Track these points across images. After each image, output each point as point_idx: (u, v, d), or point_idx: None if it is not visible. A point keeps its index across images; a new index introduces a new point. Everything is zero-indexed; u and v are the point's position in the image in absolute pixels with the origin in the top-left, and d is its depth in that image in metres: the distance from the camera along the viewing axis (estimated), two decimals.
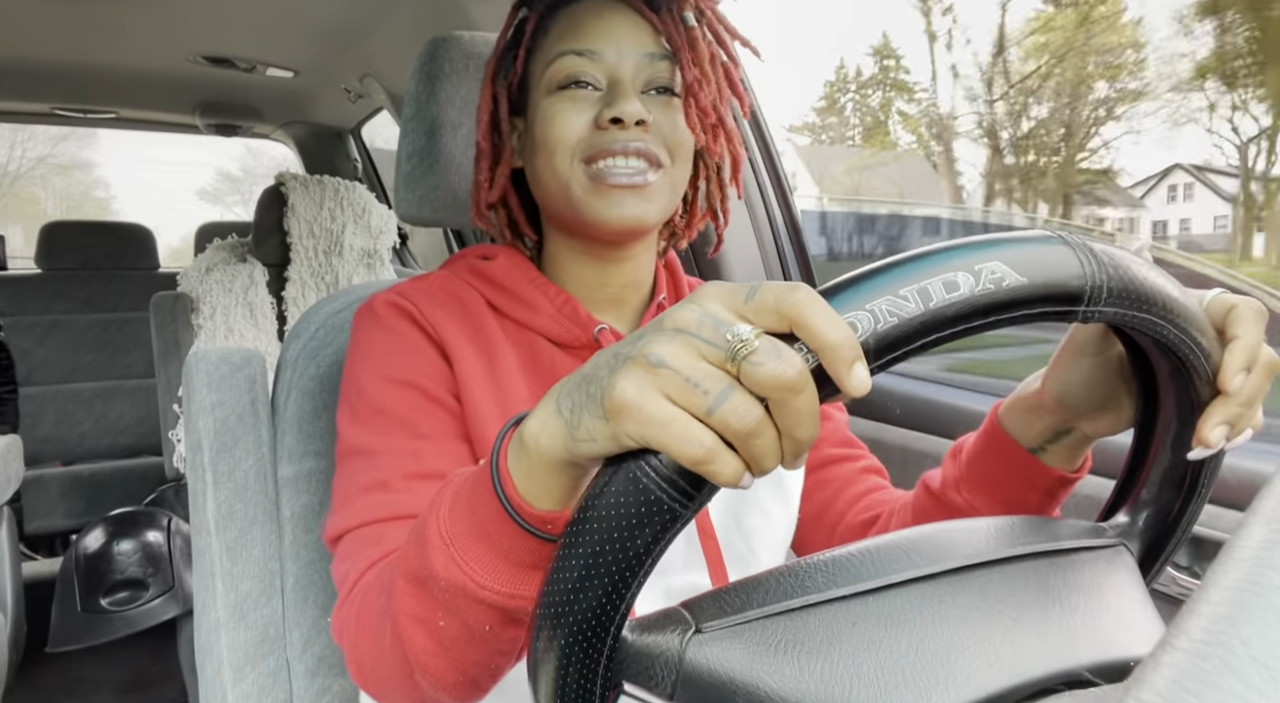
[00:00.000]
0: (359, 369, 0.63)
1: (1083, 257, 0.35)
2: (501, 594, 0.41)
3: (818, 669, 0.34)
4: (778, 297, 0.30)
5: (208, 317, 2.01)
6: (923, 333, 0.32)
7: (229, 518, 0.75)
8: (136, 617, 1.92)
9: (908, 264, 0.32)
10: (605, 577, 0.32)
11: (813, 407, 0.30)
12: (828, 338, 0.29)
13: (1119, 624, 0.39)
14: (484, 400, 0.62)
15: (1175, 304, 0.38)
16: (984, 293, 0.32)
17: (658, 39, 0.64)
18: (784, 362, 0.29)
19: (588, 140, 0.62)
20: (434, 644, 0.44)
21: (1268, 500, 0.22)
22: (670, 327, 0.32)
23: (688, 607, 0.36)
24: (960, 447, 0.62)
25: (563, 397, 0.35)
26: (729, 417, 0.30)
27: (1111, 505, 0.49)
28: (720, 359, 0.30)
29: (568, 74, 0.63)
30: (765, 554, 0.68)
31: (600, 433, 0.32)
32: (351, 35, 1.80)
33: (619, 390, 0.31)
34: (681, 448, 0.30)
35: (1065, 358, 0.52)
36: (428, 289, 0.67)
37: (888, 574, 0.37)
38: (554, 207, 0.65)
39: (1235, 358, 0.40)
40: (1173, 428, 0.45)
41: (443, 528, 0.42)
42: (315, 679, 0.79)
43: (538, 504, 0.38)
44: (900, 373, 1.15)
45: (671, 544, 0.66)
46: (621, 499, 0.31)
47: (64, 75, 2.17)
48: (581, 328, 0.67)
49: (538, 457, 0.36)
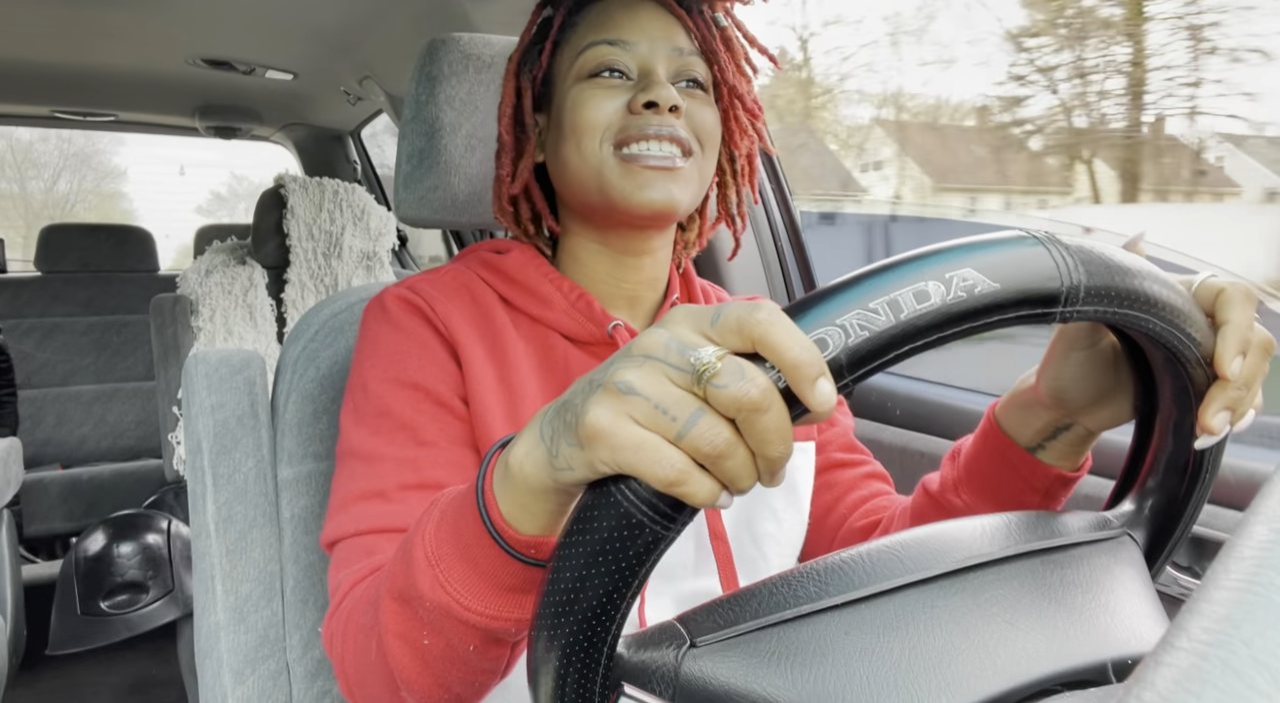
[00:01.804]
0: (366, 367, 0.63)
1: (1058, 256, 0.35)
2: (485, 616, 0.41)
3: (810, 680, 0.34)
4: (739, 317, 0.31)
5: (207, 319, 2.01)
6: (895, 345, 0.31)
7: (229, 521, 0.75)
8: (136, 620, 1.92)
9: (877, 276, 0.32)
10: (593, 600, 0.32)
11: (781, 425, 0.30)
12: (788, 356, 0.30)
13: (1119, 621, 0.39)
14: (493, 403, 0.61)
15: (1158, 297, 0.37)
16: (955, 301, 0.32)
17: (688, 36, 0.65)
18: (747, 382, 0.29)
19: (619, 124, 0.61)
20: (418, 662, 0.45)
21: (1268, 499, 0.22)
22: (639, 352, 0.32)
23: (683, 621, 0.36)
24: (959, 449, 0.62)
25: (544, 423, 0.36)
26: (698, 440, 0.30)
27: (1116, 494, 0.49)
28: (687, 383, 0.31)
29: (599, 62, 0.63)
30: (776, 559, 0.68)
31: (577, 460, 0.33)
32: (351, 38, 1.81)
33: (591, 418, 0.31)
34: (654, 472, 0.30)
35: (1057, 353, 0.51)
36: (439, 283, 0.66)
37: (880, 581, 0.37)
38: (581, 193, 0.64)
39: (1228, 343, 0.40)
40: (1173, 416, 0.44)
41: (429, 549, 0.42)
42: (315, 682, 0.79)
43: (522, 529, 0.38)
44: (900, 373, 1.15)
45: (683, 550, 0.66)
46: (605, 523, 0.32)
47: (64, 78, 2.17)
48: (596, 324, 0.66)
49: (522, 483, 0.37)
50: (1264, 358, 0.42)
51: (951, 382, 1.09)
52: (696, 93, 0.64)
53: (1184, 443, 0.44)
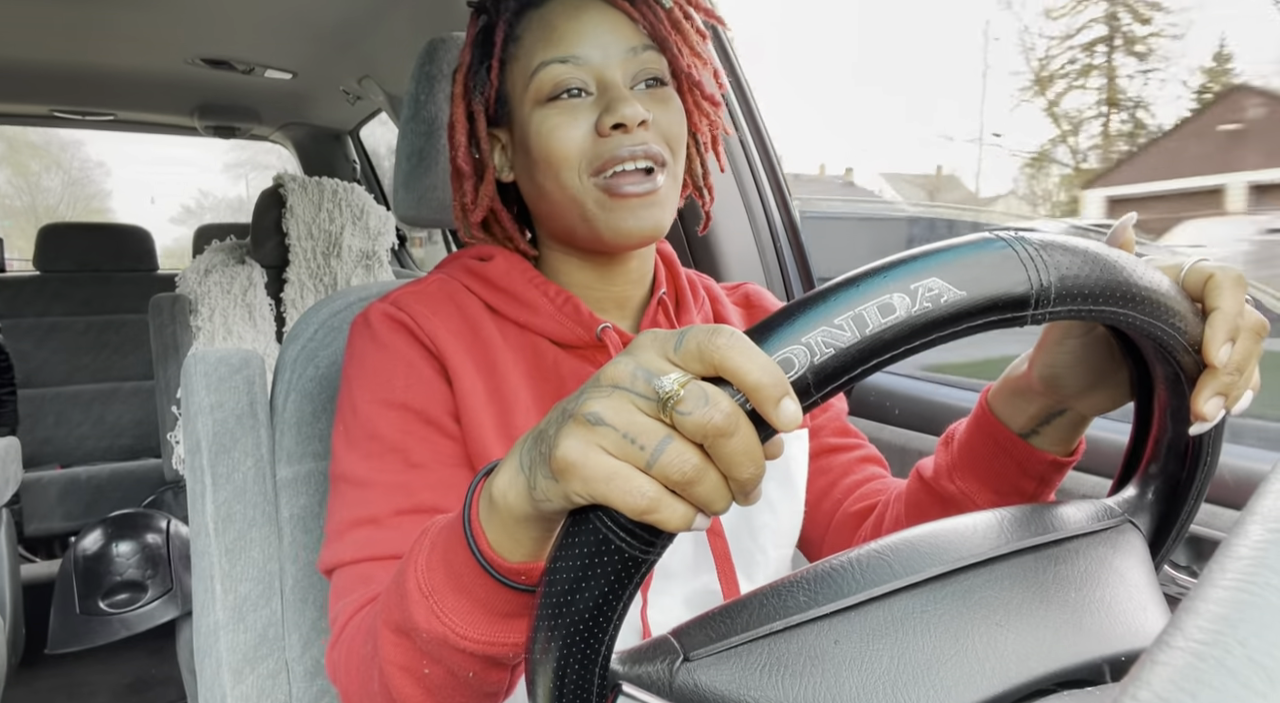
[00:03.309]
0: (355, 388, 0.62)
1: (1025, 257, 0.34)
2: (482, 643, 0.41)
3: (802, 691, 0.34)
4: (699, 342, 0.31)
5: (206, 318, 2.01)
6: (862, 360, 0.31)
7: (228, 520, 0.75)
8: (135, 619, 1.92)
9: (841, 291, 0.32)
10: (579, 622, 0.33)
11: (749, 447, 0.30)
12: (749, 379, 0.30)
13: (1116, 617, 0.39)
14: (485, 418, 0.61)
15: (1136, 291, 0.37)
16: (921, 313, 0.32)
17: (637, 30, 0.62)
18: (711, 407, 0.30)
19: (592, 151, 0.60)
20: (421, 691, 0.45)
21: (1265, 499, 0.22)
22: (607, 382, 0.32)
23: (676, 635, 0.37)
24: (952, 434, 0.62)
25: (524, 453, 0.36)
26: (668, 468, 0.30)
27: (1120, 480, 0.49)
28: (654, 411, 0.31)
29: (555, 84, 0.61)
30: (773, 550, 0.68)
31: (553, 492, 0.33)
32: (350, 37, 1.81)
33: (561, 451, 0.31)
34: (625, 501, 0.30)
35: (1050, 341, 0.51)
36: (423, 296, 0.65)
37: (869, 587, 0.37)
38: (562, 221, 0.64)
39: (1217, 330, 0.40)
40: (1170, 401, 0.44)
41: (421, 581, 0.42)
42: (314, 681, 0.79)
43: (510, 557, 0.39)
44: (900, 373, 1.16)
45: (682, 548, 0.66)
46: (586, 551, 0.32)
47: (63, 77, 2.17)
48: (584, 328, 0.65)
49: (506, 513, 0.37)
50: (1256, 341, 0.41)
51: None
52: (658, 91, 0.63)
53: (1182, 428, 0.44)
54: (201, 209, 19.27)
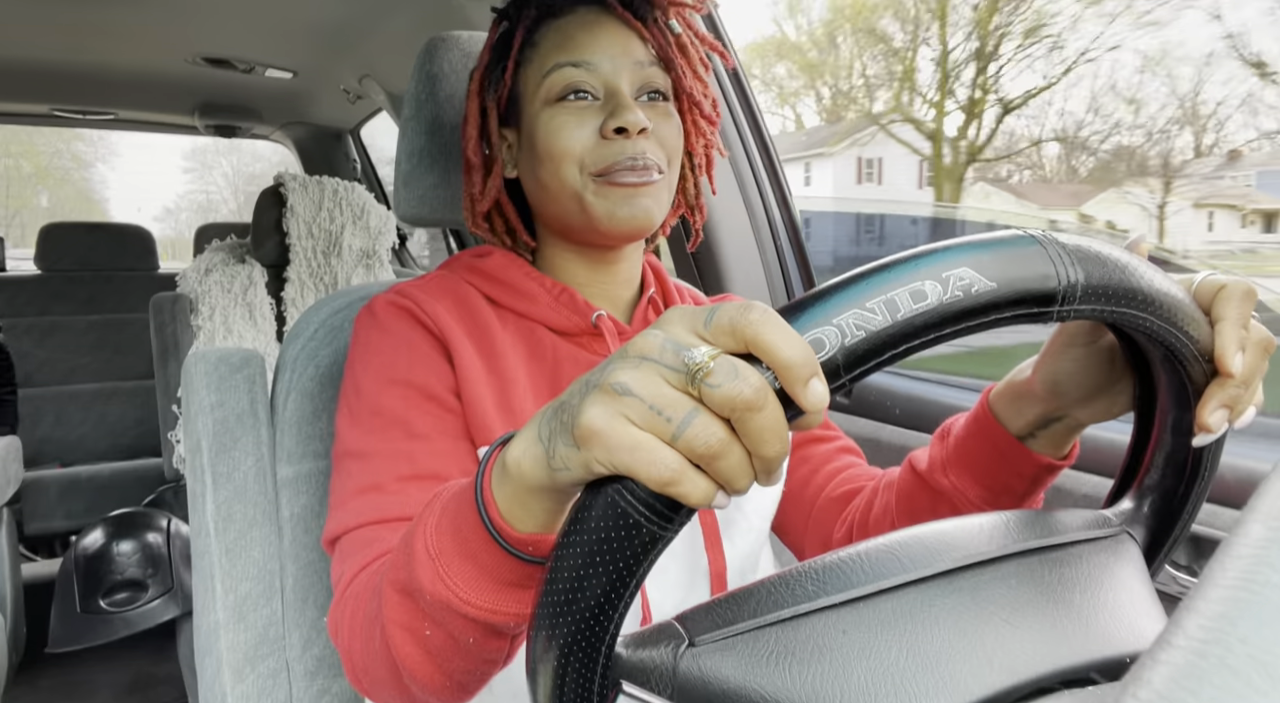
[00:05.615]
0: (358, 371, 0.65)
1: (1055, 255, 0.35)
2: (484, 610, 0.42)
3: (808, 680, 0.34)
4: (732, 318, 0.31)
5: (207, 317, 2.01)
6: (892, 345, 0.31)
7: (228, 519, 0.75)
8: (136, 618, 1.92)
9: (874, 275, 0.32)
10: (591, 599, 0.32)
11: (776, 424, 0.30)
12: (780, 356, 0.30)
13: (1117, 620, 0.39)
14: (485, 393, 0.63)
15: (1156, 295, 0.37)
16: (952, 301, 0.32)
17: (646, 47, 0.67)
18: (740, 381, 0.29)
19: (594, 152, 0.64)
20: (421, 652, 0.46)
21: (1266, 498, 0.22)
22: (634, 354, 0.32)
23: (681, 620, 0.37)
24: (948, 428, 0.63)
25: (542, 423, 0.36)
26: (693, 440, 0.30)
27: (1116, 492, 0.49)
28: (682, 383, 0.31)
29: (566, 85, 0.65)
30: (756, 518, 0.72)
31: (573, 461, 0.33)
32: (350, 36, 1.81)
33: (587, 418, 0.31)
34: (648, 472, 0.30)
35: (1056, 348, 0.52)
36: (427, 287, 0.69)
37: (878, 580, 0.37)
38: (560, 214, 0.67)
39: (1228, 340, 0.40)
40: (1172, 413, 0.44)
41: (429, 543, 0.43)
42: (315, 680, 0.79)
43: (520, 527, 0.39)
44: (900, 372, 1.16)
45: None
46: (602, 523, 0.31)
47: (63, 76, 2.17)
48: (580, 315, 0.69)
49: (520, 482, 0.37)
50: (1263, 356, 0.42)
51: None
52: (659, 104, 0.67)
53: (1183, 440, 0.44)
54: (179, 209, 20.85)
